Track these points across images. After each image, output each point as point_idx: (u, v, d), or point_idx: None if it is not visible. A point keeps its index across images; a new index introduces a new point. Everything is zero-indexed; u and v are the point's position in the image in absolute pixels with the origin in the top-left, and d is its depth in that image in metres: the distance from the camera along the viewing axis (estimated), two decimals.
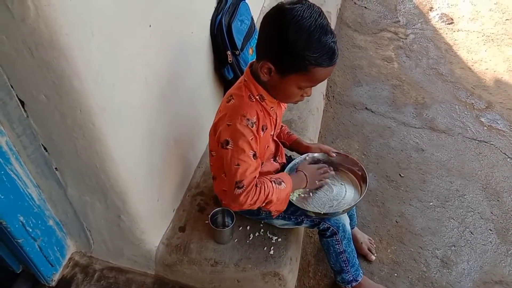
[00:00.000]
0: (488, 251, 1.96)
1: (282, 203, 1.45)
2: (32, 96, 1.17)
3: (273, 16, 1.21)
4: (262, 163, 1.50)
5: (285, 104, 1.50)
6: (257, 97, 1.33)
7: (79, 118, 1.18)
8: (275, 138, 1.55)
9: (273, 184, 1.38)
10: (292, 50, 1.17)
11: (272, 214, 1.51)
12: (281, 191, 1.40)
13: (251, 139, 1.29)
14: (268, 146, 1.48)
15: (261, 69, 1.26)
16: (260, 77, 1.28)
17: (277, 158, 1.62)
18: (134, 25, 1.26)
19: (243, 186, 1.31)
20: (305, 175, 1.53)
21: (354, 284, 1.66)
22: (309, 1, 1.21)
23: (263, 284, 1.60)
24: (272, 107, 1.39)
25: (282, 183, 1.41)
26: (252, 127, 1.29)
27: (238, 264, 1.59)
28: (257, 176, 1.35)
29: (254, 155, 1.32)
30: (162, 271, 1.69)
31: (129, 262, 1.71)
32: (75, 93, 1.11)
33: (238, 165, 1.30)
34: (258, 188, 1.33)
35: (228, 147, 1.30)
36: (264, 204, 1.38)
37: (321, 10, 1.20)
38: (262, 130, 1.36)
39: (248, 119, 1.28)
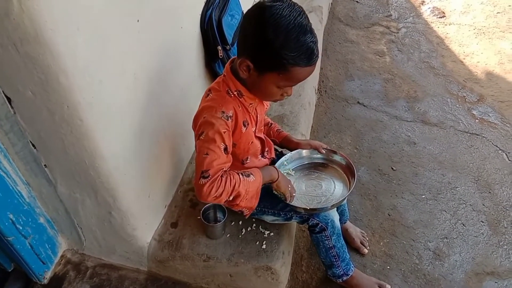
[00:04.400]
0: (480, 242, 1.97)
1: (252, 198, 1.43)
2: (19, 92, 1.16)
3: (253, 14, 1.21)
4: (247, 158, 1.50)
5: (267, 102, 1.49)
6: (235, 93, 1.34)
7: (66, 114, 1.17)
8: (258, 134, 1.53)
9: (241, 176, 1.35)
10: (270, 48, 1.16)
11: (244, 213, 1.50)
12: (249, 183, 1.36)
13: (224, 132, 1.28)
14: (252, 142, 1.48)
15: (240, 66, 1.26)
16: (239, 74, 1.28)
17: (265, 154, 1.61)
18: (121, 20, 1.26)
19: (208, 176, 1.27)
20: (276, 169, 1.49)
21: (345, 278, 1.67)
22: (291, 0, 1.20)
23: (256, 278, 1.60)
24: (251, 104, 1.39)
25: (251, 175, 1.38)
26: (227, 120, 1.29)
27: (230, 259, 1.59)
28: (224, 169, 1.32)
29: (225, 149, 1.30)
30: (155, 267, 1.69)
31: (122, 259, 1.70)
32: (62, 89, 1.11)
33: (206, 154, 1.28)
34: (223, 179, 1.29)
35: (201, 137, 1.30)
36: (232, 199, 1.34)
37: (302, 9, 1.20)
38: (244, 125, 1.37)
39: (223, 112, 1.28)
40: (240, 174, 1.36)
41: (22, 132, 1.30)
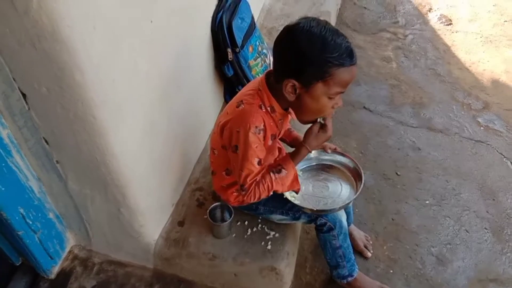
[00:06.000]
0: (483, 249, 1.97)
1: (293, 183, 1.46)
2: (34, 89, 1.19)
3: (283, 36, 1.25)
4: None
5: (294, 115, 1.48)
6: (268, 108, 1.35)
7: (80, 111, 1.19)
8: (277, 143, 1.57)
9: (273, 175, 1.40)
10: (311, 57, 1.19)
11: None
12: (283, 178, 1.41)
13: (256, 147, 1.32)
14: (273, 154, 1.52)
15: (285, 89, 1.26)
16: (287, 98, 1.28)
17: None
18: (135, 20, 1.28)
19: (245, 189, 1.38)
20: (303, 145, 1.44)
21: (349, 279, 1.68)
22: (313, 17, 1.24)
23: (261, 278, 1.61)
24: (280, 119, 1.41)
25: (283, 170, 1.42)
26: (259, 134, 1.31)
27: (236, 259, 1.60)
28: (257, 179, 1.38)
29: (259, 162, 1.35)
30: (161, 264, 1.71)
31: (128, 256, 1.72)
32: (77, 86, 1.13)
33: (241, 170, 1.35)
34: (256, 187, 1.38)
35: (237, 152, 1.35)
36: (272, 193, 1.42)
37: (326, 21, 1.23)
38: (271, 139, 1.39)
39: (256, 127, 1.30)
40: (271, 173, 1.41)
41: (36, 128, 1.32)
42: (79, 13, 1.05)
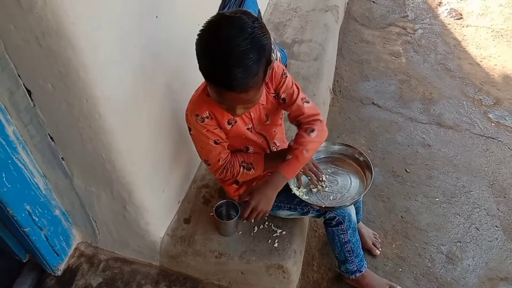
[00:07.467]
0: (494, 247, 1.95)
1: (251, 180, 1.53)
2: (39, 85, 1.18)
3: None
4: (247, 148, 1.50)
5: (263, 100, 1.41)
6: None
7: (85, 108, 1.18)
8: (259, 131, 1.49)
9: (241, 169, 1.45)
10: (198, 59, 1.16)
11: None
12: (247, 175, 1.48)
13: (206, 131, 1.33)
14: (245, 137, 1.46)
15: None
16: None
17: (273, 148, 1.58)
18: (140, 16, 1.27)
19: (209, 164, 1.44)
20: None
21: (357, 274, 1.66)
22: (247, 16, 1.11)
23: (267, 276, 1.60)
24: None
25: (252, 169, 1.46)
26: (202, 122, 1.31)
27: (242, 256, 1.59)
28: (222, 158, 1.41)
29: (215, 141, 1.37)
30: (167, 262, 1.70)
31: (134, 253, 1.72)
32: (82, 82, 1.12)
33: (202, 148, 1.41)
34: (225, 170, 1.44)
35: (191, 133, 1.39)
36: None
37: (245, 27, 1.07)
38: (229, 123, 1.37)
39: (197, 115, 1.30)
40: (242, 166, 1.45)
41: (41, 124, 1.32)
42: (83, 10, 1.04)
